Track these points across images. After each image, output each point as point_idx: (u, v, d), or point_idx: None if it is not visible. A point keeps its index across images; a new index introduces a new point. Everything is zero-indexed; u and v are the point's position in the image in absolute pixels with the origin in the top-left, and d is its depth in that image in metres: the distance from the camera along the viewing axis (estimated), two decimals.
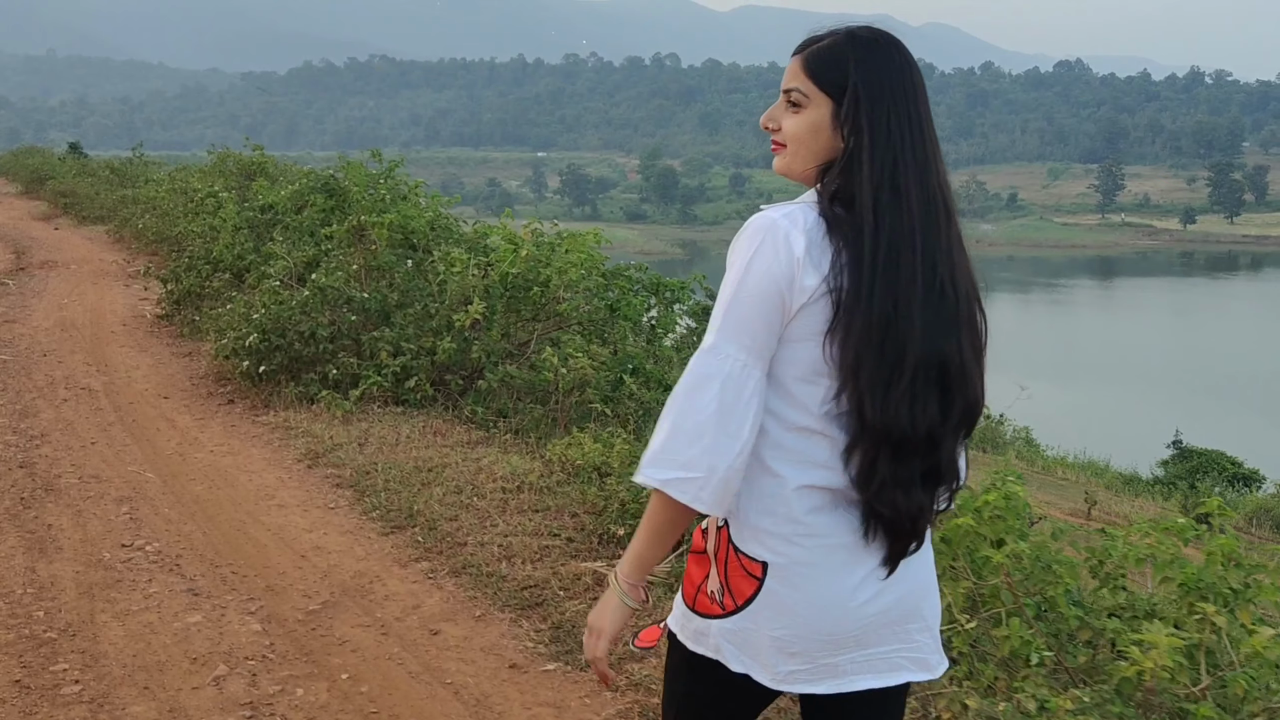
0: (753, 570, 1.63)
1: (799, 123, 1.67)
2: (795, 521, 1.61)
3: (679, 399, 1.59)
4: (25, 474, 5.78)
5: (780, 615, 1.62)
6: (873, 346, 1.55)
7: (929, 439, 1.60)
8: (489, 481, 5.41)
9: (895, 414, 1.56)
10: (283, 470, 5.90)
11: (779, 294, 1.56)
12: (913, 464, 1.60)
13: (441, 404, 7.11)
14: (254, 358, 7.28)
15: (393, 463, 5.80)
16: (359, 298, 7.30)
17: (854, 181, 1.59)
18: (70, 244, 19.21)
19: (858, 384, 1.55)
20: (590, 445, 5.59)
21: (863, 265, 1.55)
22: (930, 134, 1.64)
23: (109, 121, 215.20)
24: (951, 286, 1.61)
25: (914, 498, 1.61)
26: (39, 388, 7.90)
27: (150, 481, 5.70)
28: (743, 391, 1.57)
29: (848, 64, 1.63)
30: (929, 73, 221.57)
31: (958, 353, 1.61)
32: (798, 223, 1.58)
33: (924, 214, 1.59)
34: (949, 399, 1.62)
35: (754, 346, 1.57)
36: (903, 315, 1.56)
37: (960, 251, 1.64)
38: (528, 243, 7.96)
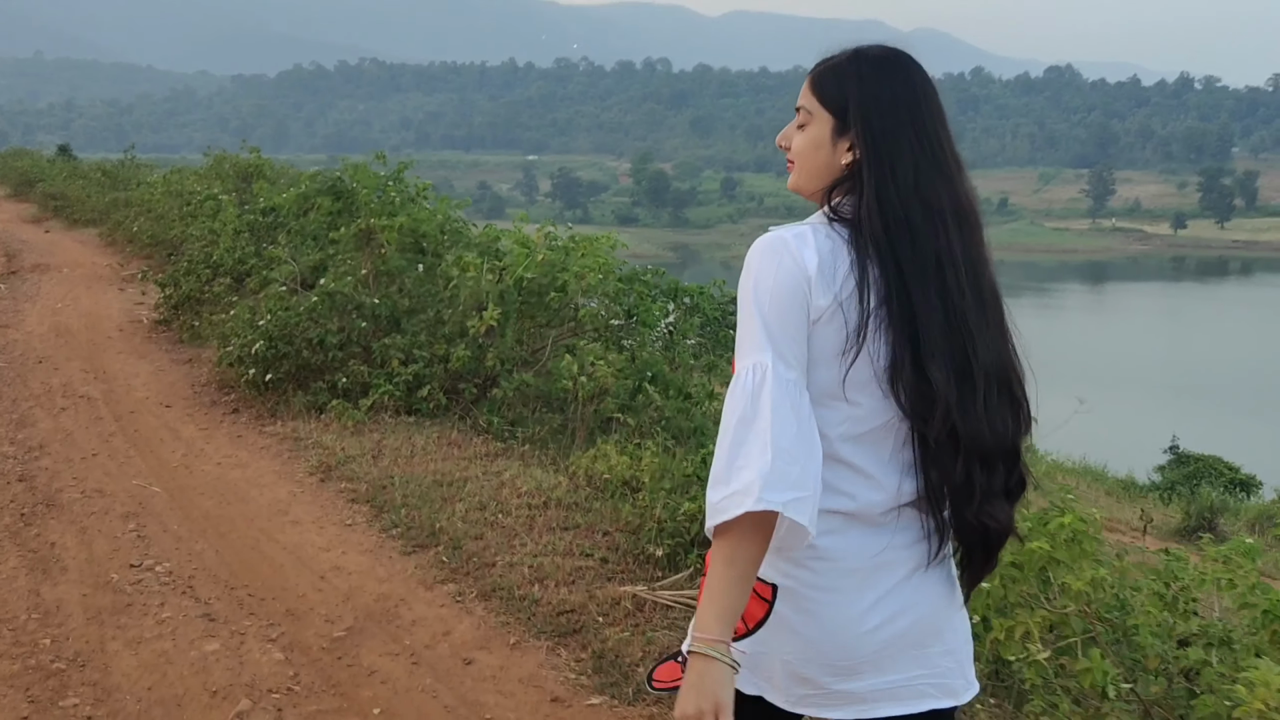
0: (763, 593, 1.60)
1: (803, 139, 1.68)
2: (808, 546, 1.55)
3: (757, 422, 1.51)
4: (25, 488, 5.52)
5: (789, 639, 1.60)
6: (942, 357, 1.54)
7: (1010, 448, 1.60)
8: (513, 497, 5.17)
9: (982, 423, 1.57)
10: (294, 484, 5.65)
11: (802, 299, 1.54)
12: (998, 475, 1.59)
13: (455, 413, 6.87)
14: (260, 366, 7.03)
15: (410, 476, 5.55)
16: (369, 303, 7.05)
17: (871, 195, 1.59)
18: (62, 247, 18.92)
19: (933, 397, 1.54)
20: (617, 458, 5.35)
21: (904, 279, 1.55)
22: (949, 145, 1.63)
23: (97, 124, 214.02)
24: (994, 297, 1.61)
25: (1005, 513, 1.61)
26: (35, 396, 7.63)
27: (156, 496, 5.45)
28: (803, 403, 1.53)
29: (849, 80, 1.64)
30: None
31: (1010, 357, 1.62)
32: (807, 241, 1.57)
33: (958, 223, 1.59)
34: (1014, 405, 1.62)
35: (791, 356, 1.54)
36: (959, 325, 1.56)
37: (990, 261, 1.64)
38: (541, 246, 7.73)
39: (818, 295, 1.54)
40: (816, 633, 1.59)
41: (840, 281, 1.54)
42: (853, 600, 1.58)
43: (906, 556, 1.61)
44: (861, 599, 1.58)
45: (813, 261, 1.55)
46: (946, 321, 1.56)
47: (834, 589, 1.58)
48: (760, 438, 1.50)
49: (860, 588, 1.58)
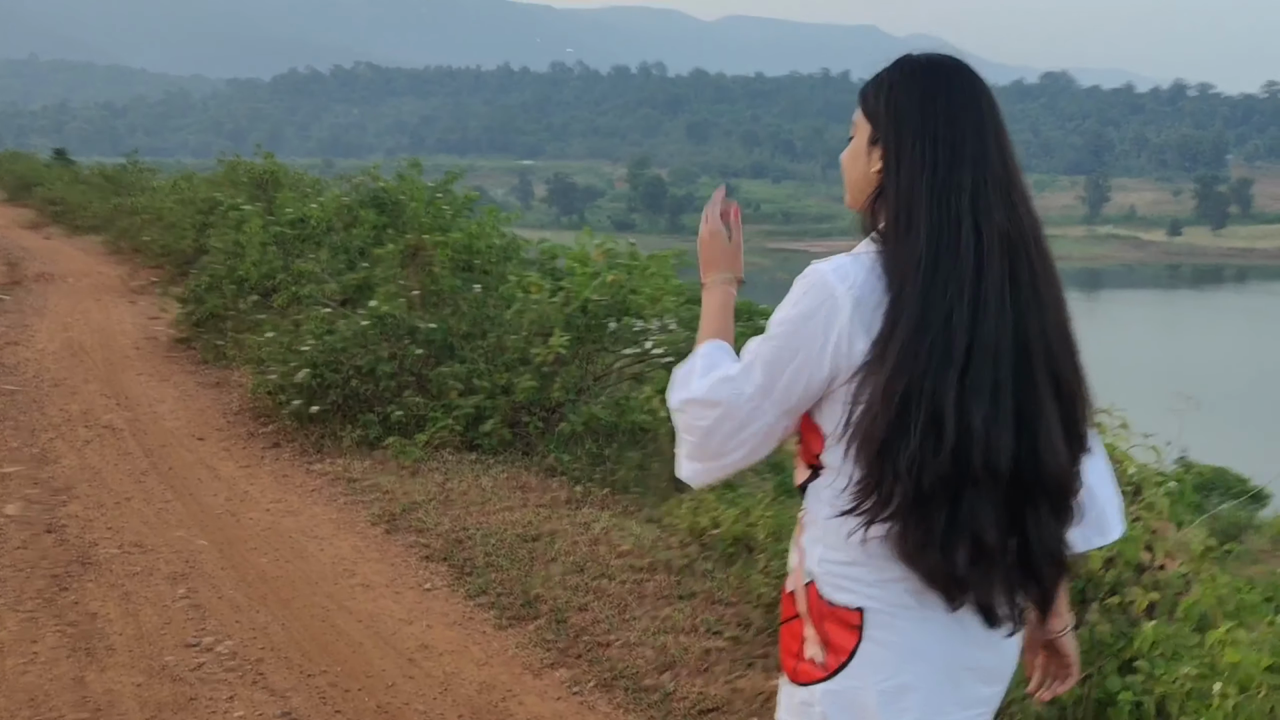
0: (849, 619, 1.55)
1: (847, 151, 1.66)
2: (879, 568, 1.54)
3: (697, 393, 1.58)
4: (55, 541, 4.91)
5: (884, 664, 1.54)
6: (874, 378, 1.48)
7: (919, 485, 1.49)
8: (611, 556, 4.57)
9: (894, 456, 1.48)
10: (356, 535, 5.05)
11: (811, 360, 1.51)
12: (920, 512, 1.50)
13: (519, 449, 6.27)
14: (304, 396, 6.42)
15: (487, 529, 4.95)
16: (424, 328, 6.44)
17: (881, 207, 1.56)
18: (65, 255, 18.32)
19: (866, 420, 1.49)
20: (723, 510, 4.76)
21: (893, 299, 1.49)
22: (967, 158, 1.52)
23: (91, 127, 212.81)
24: (967, 324, 1.47)
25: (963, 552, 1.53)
26: (55, 426, 7.01)
27: (203, 551, 4.83)
28: (743, 427, 1.55)
29: (881, 88, 1.60)
30: None
31: (958, 395, 1.46)
32: (846, 278, 1.52)
33: (932, 239, 1.48)
34: (935, 443, 1.47)
35: (773, 391, 1.53)
36: (887, 340, 1.47)
37: (1026, 298, 1.51)
38: (602, 263, 7.14)
39: (856, 341, 1.49)
40: (912, 652, 1.54)
41: (874, 316, 1.49)
42: (938, 615, 1.54)
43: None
44: (940, 615, 1.54)
45: (846, 307, 1.50)
46: (884, 340, 1.48)
47: (918, 605, 1.54)
48: (685, 392, 1.60)
49: (936, 605, 1.53)
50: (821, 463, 1.59)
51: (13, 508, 5.32)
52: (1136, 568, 3.96)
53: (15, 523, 5.12)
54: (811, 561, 1.60)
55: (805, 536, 1.64)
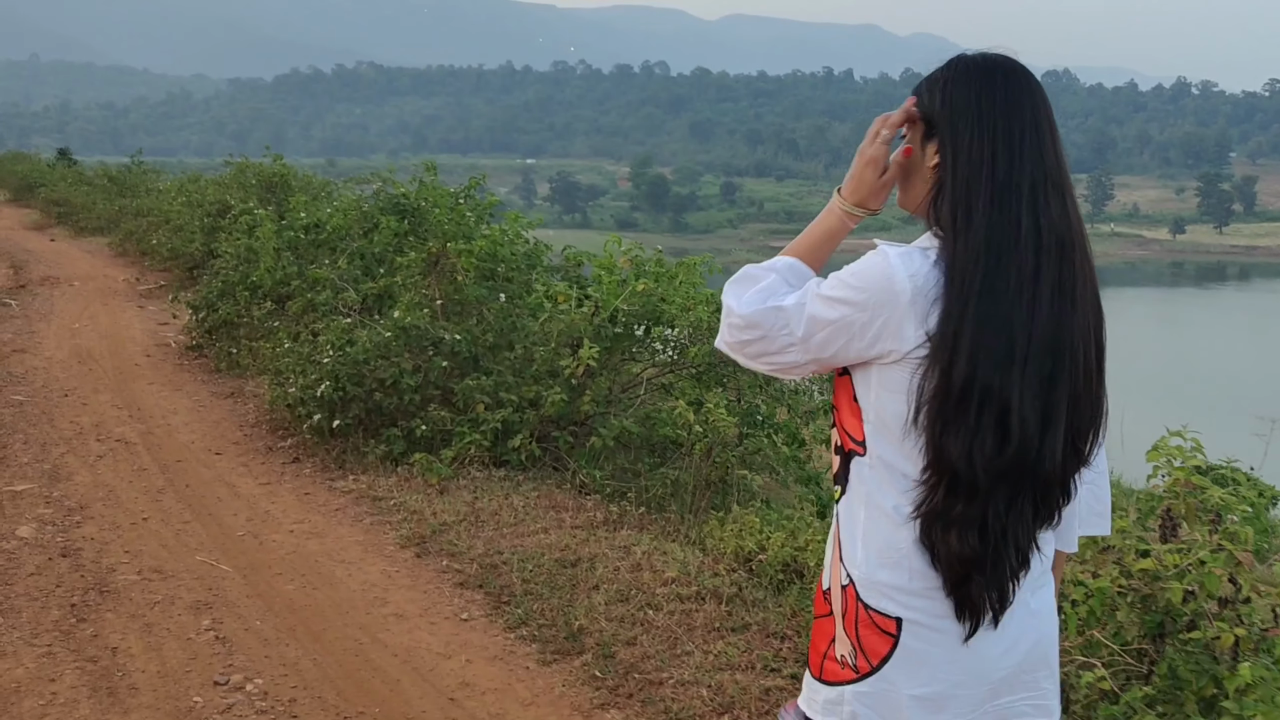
0: (886, 627, 1.56)
1: (899, 149, 1.67)
2: (924, 575, 1.54)
3: (744, 310, 1.60)
4: (70, 566, 4.69)
5: (919, 672, 1.55)
6: (933, 367, 1.50)
7: (974, 480, 1.51)
8: (656, 584, 4.35)
9: (944, 442, 1.50)
10: (385, 559, 4.83)
11: (856, 332, 1.54)
12: (962, 505, 1.52)
13: (548, 465, 6.06)
14: (325, 410, 6.20)
15: (523, 553, 4.73)
16: (449, 339, 6.22)
17: (936, 205, 1.57)
18: (70, 257, 18.10)
19: (919, 405, 1.52)
20: (772, 535, 4.54)
21: (949, 298, 1.50)
22: (1024, 156, 1.53)
23: (93, 127, 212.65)
24: (1026, 322, 1.50)
25: (964, 541, 1.53)
26: (67, 439, 6.80)
27: (227, 578, 4.62)
28: (774, 354, 1.59)
29: (936, 85, 1.62)
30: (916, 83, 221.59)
31: (1021, 393, 1.49)
32: (910, 265, 1.52)
33: (991, 238, 1.50)
34: (1002, 441, 1.50)
35: (810, 342, 1.57)
36: (955, 337, 1.48)
37: (1057, 289, 1.52)
38: (628, 271, 6.92)
39: (906, 326, 1.51)
40: (947, 662, 1.55)
41: (930, 309, 1.51)
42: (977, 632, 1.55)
43: (1024, 582, 1.58)
44: (989, 625, 1.56)
45: (906, 292, 1.51)
46: (948, 335, 1.50)
47: (956, 616, 1.54)
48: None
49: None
50: (862, 448, 1.61)
51: (26, 529, 5.11)
52: (1219, 601, 3.74)
53: (29, 546, 4.91)
54: (852, 563, 1.61)
55: (844, 532, 1.64)
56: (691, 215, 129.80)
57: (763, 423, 6.42)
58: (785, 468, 6.28)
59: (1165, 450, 4.22)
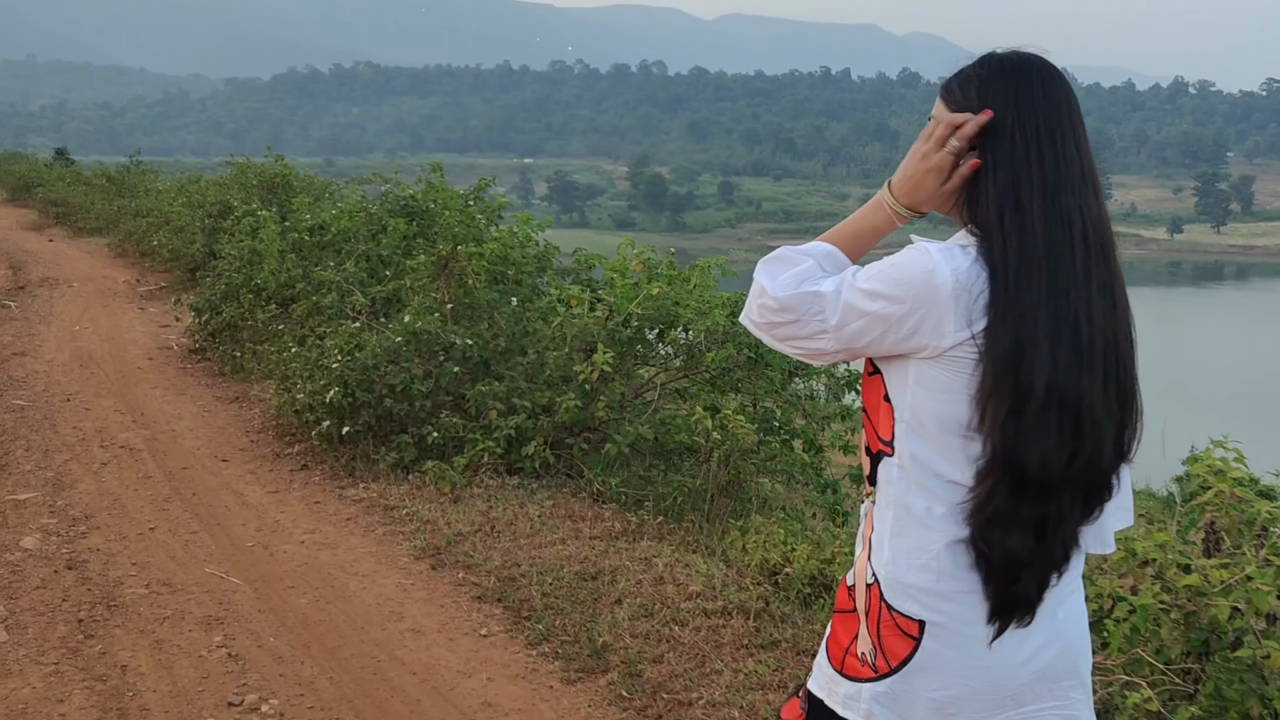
0: (909, 629, 1.55)
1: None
2: (953, 577, 1.53)
3: (779, 293, 1.59)
4: (76, 580, 4.57)
5: (938, 676, 1.54)
6: (1004, 371, 1.48)
7: (1046, 482, 1.50)
8: (681, 599, 4.23)
9: (1019, 445, 1.48)
10: (399, 571, 4.70)
11: (892, 325, 1.52)
12: (1027, 506, 1.51)
13: (561, 472, 5.93)
14: (334, 416, 6.08)
15: (541, 565, 4.61)
16: (460, 344, 6.10)
17: (977, 204, 1.55)
18: (69, 258, 17.97)
19: (986, 409, 1.49)
20: (798, 547, 4.42)
21: (995, 292, 1.49)
22: (1067, 157, 1.53)
23: (90, 127, 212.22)
24: (1087, 323, 1.50)
25: (1022, 542, 1.51)
26: (70, 446, 6.67)
27: (238, 591, 4.49)
28: (804, 339, 1.58)
29: (970, 84, 1.59)
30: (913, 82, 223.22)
31: (1090, 394, 1.50)
32: (952, 262, 1.51)
33: (1051, 241, 1.49)
34: (1078, 443, 1.50)
35: (843, 331, 1.55)
36: (1028, 341, 1.47)
37: (1103, 288, 1.52)
38: (639, 274, 6.81)
39: (946, 323, 1.50)
40: (968, 667, 1.54)
41: (981, 313, 1.49)
42: (1006, 634, 1.54)
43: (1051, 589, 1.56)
44: (1015, 631, 1.54)
45: (947, 287, 1.50)
46: (1014, 334, 1.48)
47: (984, 622, 1.53)
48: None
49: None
50: (891, 449, 1.59)
51: (30, 540, 4.98)
52: (1267, 617, 3.63)
53: (34, 558, 4.78)
54: (879, 562, 1.59)
55: (874, 533, 1.62)
56: (689, 215, 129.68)
57: (779, 428, 6.31)
58: (803, 474, 6.16)
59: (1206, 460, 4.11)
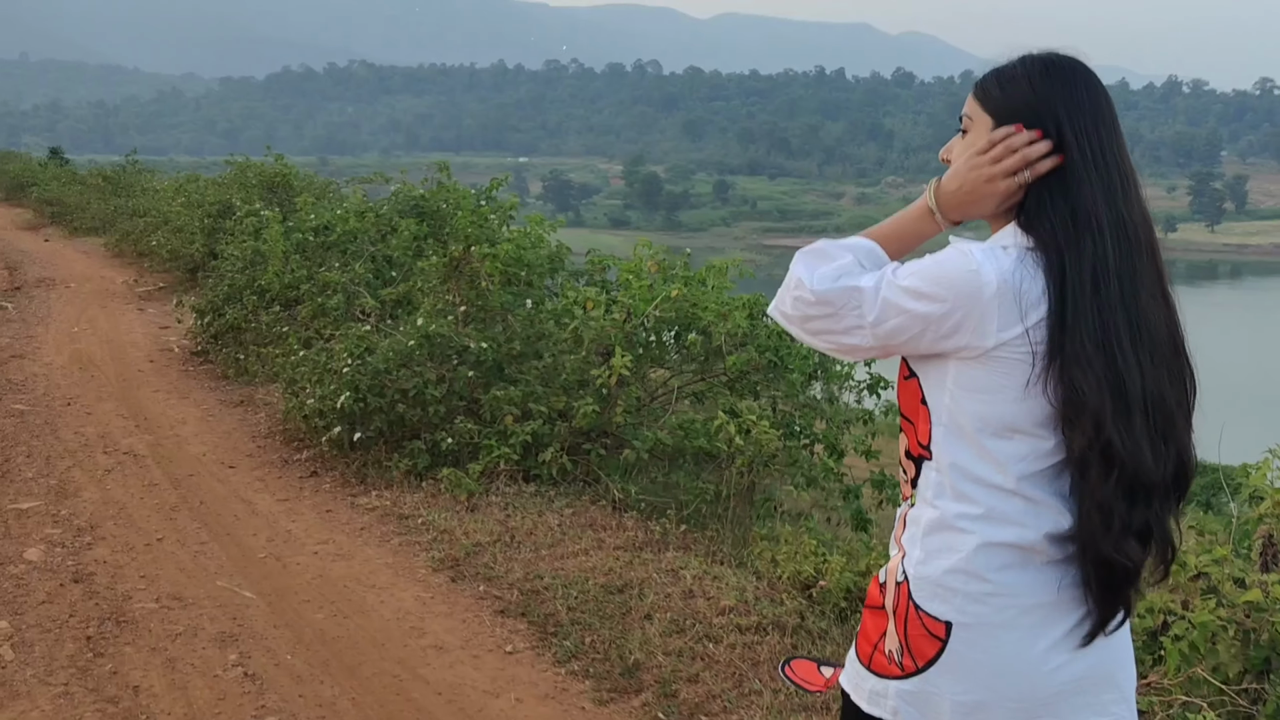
0: (935, 630, 1.53)
1: (962, 146, 1.61)
2: (982, 579, 1.51)
3: (818, 286, 1.57)
4: (83, 593, 4.41)
5: (964, 679, 1.53)
6: (1103, 381, 1.46)
7: (1154, 485, 1.51)
8: (713, 613, 4.08)
9: (1137, 452, 1.48)
10: (418, 584, 4.55)
11: (931, 324, 1.50)
12: (1143, 512, 1.51)
13: (579, 479, 5.78)
14: (345, 422, 5.92)
15: (565, 577, 4.46)
16: (475, 348, 5.94)
17: (1038, 208, 1.52)
18: (65, 258, 17.79)
19: (1100, 421, 1.46)
20: (831, 559, 4.28)
21: (1066, 297, 1.47)
22: (1122, 161, 1.53)
23: (83, 126, 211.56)
24: (1152, 325, 1.51)
25: (1136, 550, 1.51)
26: (72, 452, 6.51)
27: (251, 605, 4.34)
28: (839, 334, 1.57)
29: (1014, 84, 1.57)
30: (908, 82, 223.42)
31: (1169, 397, 1.52)
32: (995, 263, 1.49)
33: (1118, 244, 1.49)
34: (1171, 446, 1.52)
35: (880, 328, 1.53)
36: (1115, 346, 1.47)
37: (1161, 292, 1.54)
38: (655, 275, 6.66)
39: (991, 323, 1.47)
40: (994, 673, 1.52)
41: (1026, 310, 1.47)
42: (1032, 639, 1.51)
43: (1084, 595, 1.53)
44: (1042, 638, 1.52)
45: (991, 285, 1.47)
46: (1099, 340, 1.46)
47: (1013, 626, 1.51)
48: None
49: (1040, 626, 1.52)
50: (929, 452, 1.57)
51: (34, 552, 4.83)
52: None
53: (38, 570, 4.63)
54: (910, 562, 1.58)
55: (905, 535, 1.62)
56: (685, 214, 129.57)
57: (799, 433, 6.17)
58: (825, 479, 6.02)
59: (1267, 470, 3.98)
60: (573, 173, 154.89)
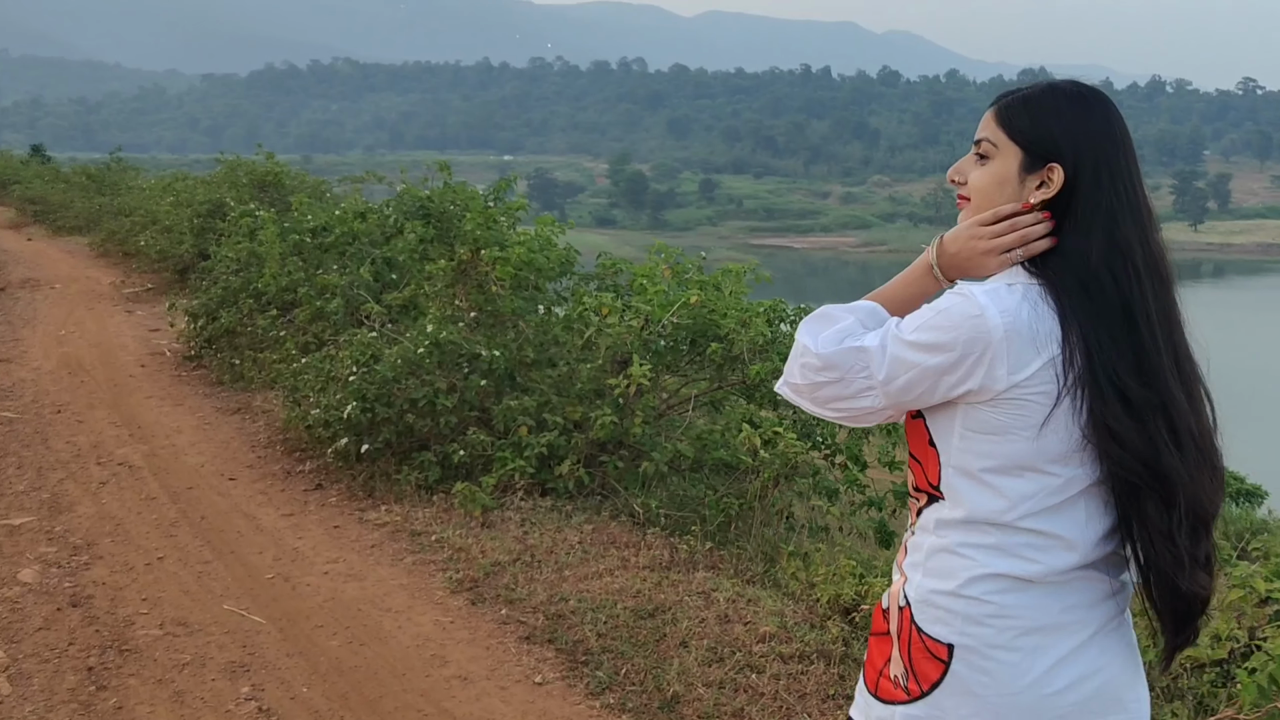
0: (938, 652, 1.53)
1: (984, 174, 1.59)
2: (982, 602, 1.51)
3: (822, 350, 1.54)
4: (82, 619, 4.17)
5: (968, 701, 1.51)
6: (1149, 419, 1.46)
7: (1211, 517, 1.53)
8: (752, 640, 3.87)
9: (1195, 484, 1.49)
10: (436, 607, 4.33)
11: (942, 374, 1.48)
12: (1206, 543, 1.53)
13: (596, 493, 5.57)
14: (352, 433, 5.69)
15: (590, 600, 4.24)
16: (487, 356, 5.71)
17: (1065, 242, 1.52)
18: (49, 258, 17.47)
19: (1158, 459, 1.46)
20: (873, 581, 4.08)
21: (1099, 337, 1.46)
22: (1144, 194, 1.55)
23: (65, 123, 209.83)
24: (1186, 358, 1.53)
25: (1207, 582, 1.54)
26: (64, 463, 6.26)
27: (262, 631, 4.11)
28: (850, 399, 1.54)
29: (1045, 113, 1.56)
30: (893, 80, 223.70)
31: (1209, 433, 1.54)
32: (1000, 304, 1.47)
33: (1152, 279, 1.50)
34: (1214, 478, 1.54)
35: (891, 386, 1.52)
36: (1158, 385, 1.47)
37: (1176, 322, 1.54)
38: (670, 280, 6.45)
39: (1001, 366, 1.46)
40: (997, 695, 1.50)
41: (1039, 348, 1.46)
42: (1035, 661, 1.50)
43: (1089, 617, 1.54)
44: (1044, 659, 1.51)
45: (998, 328, 1.46)
46: (1140, 376, 1.47)
47: (1015, 648, 1.50)
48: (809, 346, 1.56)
49: (1042, 648, 1.51)
50: (940, 492, 1.56)
51: (29, 573, 4.58)
52: None
53: (34, 593, 4.39)
54: (911, 587, 1.58)
55: (907, 561, 1.61)
56: (670, 212, 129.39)
57: (822, 443, 5.97)
58: (850, 490, 5.82)
59: None
60: (558, 171, 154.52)
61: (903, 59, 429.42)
